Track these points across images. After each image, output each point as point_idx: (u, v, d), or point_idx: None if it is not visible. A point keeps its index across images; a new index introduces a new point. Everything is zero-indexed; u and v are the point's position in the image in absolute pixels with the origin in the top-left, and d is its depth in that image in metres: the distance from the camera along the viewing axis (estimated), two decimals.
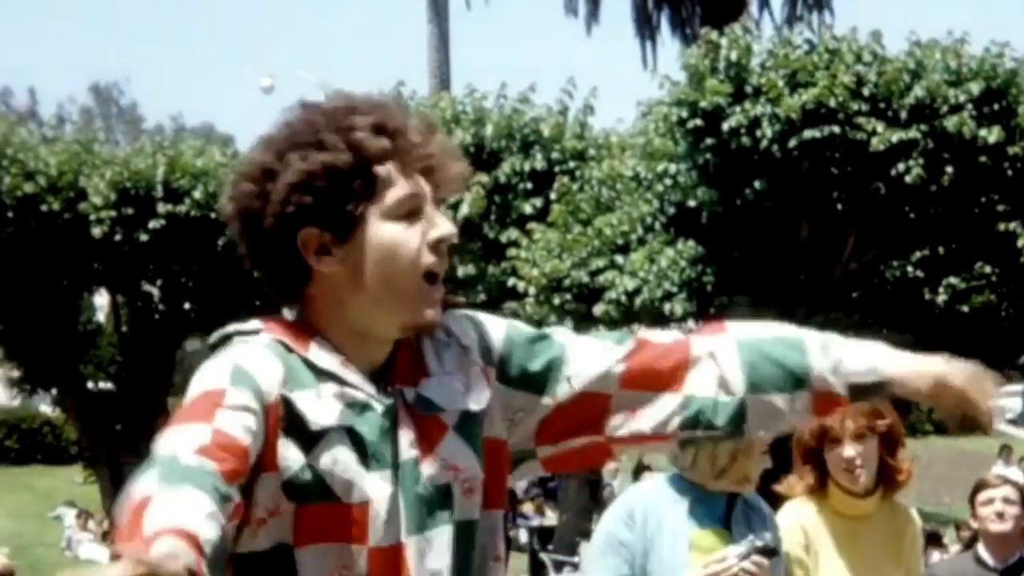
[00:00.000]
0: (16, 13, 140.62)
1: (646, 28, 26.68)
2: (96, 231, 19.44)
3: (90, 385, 22.41)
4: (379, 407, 2.45)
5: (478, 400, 2.54)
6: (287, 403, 2.37)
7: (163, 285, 21.35)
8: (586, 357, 2.58)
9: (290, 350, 2.47)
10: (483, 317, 2.64)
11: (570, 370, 2.58)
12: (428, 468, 2.46)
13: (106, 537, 24.54)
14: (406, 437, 2.46)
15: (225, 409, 2.30)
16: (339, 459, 2.39)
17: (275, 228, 2.45)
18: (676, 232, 14.73)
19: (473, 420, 2.53)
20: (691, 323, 15.19)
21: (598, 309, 14.90)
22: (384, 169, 2.45)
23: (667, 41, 27.16)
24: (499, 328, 2.63)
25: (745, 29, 14.78)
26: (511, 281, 15.74)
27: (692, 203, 14.45)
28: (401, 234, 2.45)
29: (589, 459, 2.69)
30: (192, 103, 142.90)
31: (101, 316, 28.17)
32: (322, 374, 2.44)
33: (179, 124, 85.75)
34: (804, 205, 14.17)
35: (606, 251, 15.19)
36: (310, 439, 2.38)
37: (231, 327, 2.55)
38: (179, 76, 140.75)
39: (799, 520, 5.08)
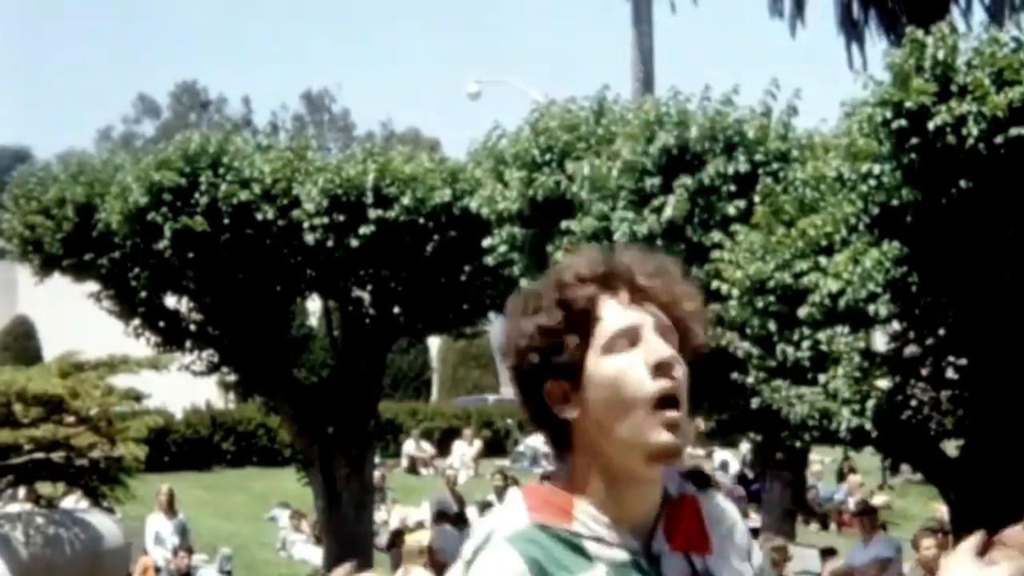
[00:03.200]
0: (229, 24, 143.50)
1: (851, 28, 26.44)
2: (309, 238, 19.82)
3: (303, 386, 22.84)
4: (645, 565, 2.53)
5: None
6: None
7: (373, 290, 21.68)
8: None
9: (552, 531, 2.53)
10: (747, 529, 2.74)
11: None
12: None
13: (319, 538, 25.01)
14: None
15: None
16: None
17: (523, 386, 2.59)
18: (880, 233, 14.61)
19: None
20: (895, 324, 15.08)
21: (802, 311, 14.85)
22: (597, 310, 2.55)
23: (872, 41, 26.81)
24: (758, 550, 2.73)
25: (951, 27, 14.61)
26: (714, 284, 15.75)
27: (896, 203, 14.33)
28: (621, 365, 2.52)
29: None
30: (400, 109, 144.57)
31: (313, 321, 28.70)
32: (584, 546, 2.52)
33: (388, 131, 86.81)
34: (1011, 204, 13.97)
35: (809, 253, 15.12)
36: None
37: (492, 525, 2.61)
38: (388, 82, 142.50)
39: None
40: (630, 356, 2.51)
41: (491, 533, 2.56)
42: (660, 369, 2.51)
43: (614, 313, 2.53)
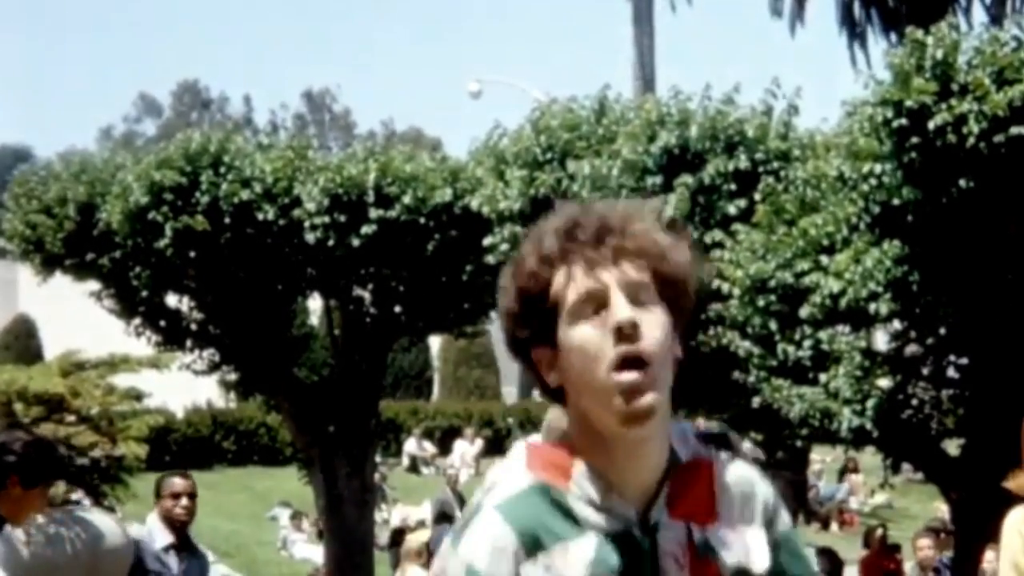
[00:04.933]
0: (230, 23, 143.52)
1: (851, 27, 26.44)
2: (310, 237, 19.82)
3: (304, 385, 22.83)
4: (639, 535, 2.49)
5: (761, 562, 2.57)
6: None
7: (374, 289, 21.67)
8: None
9: (548, 494, 2.51)
10: (775, 494, 2.67)
11: None
12: None
13: (320, 537, 25.01)
14: (675, 572, 2.50)
15: None
16: None
17: (518, 355, 2.58)
18: (881, 232, 14.62)
19: None
20: (896, 323, 15.09)
21: (803, 311, 14.87)
22: (558, 277, 2.51)
23: (873, 40, 26.81)
24: (786, 514, 2.66)
25: (952, 27, 14.62)
26: (715, 283, 15.76)
27: (897, 203, 14.34)
28: (585, 333, 2.49)
29: None
30: (401, 108, 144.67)
31: (314, 320, 28.69)
32: (576, 512, 2.50)
33: (389, 130, 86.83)
34: (1011, 202, 13.98)
35: (811, 252, 15.14)
36: None
37: (497, 472, 2.60)
38: (388, 82, 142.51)
39: (1017, 525, 5.03)
40: (593, 322, 2.48)
41: (481, 502, 2.55)
42: (620, 332, 2.46)
43: (578, 278, 2.49)
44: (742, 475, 2.59)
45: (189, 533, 9.92)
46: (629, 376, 2.45)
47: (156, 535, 9.73)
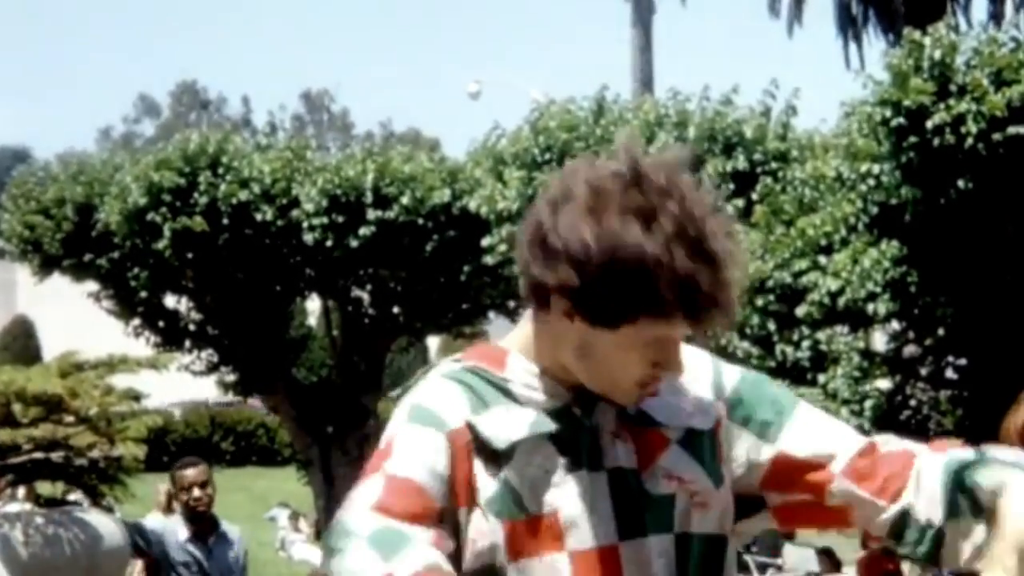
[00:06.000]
0: (229, 24, 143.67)
1: (849, 28, 26.47)
2: (308, 238, 19.84)
3: (303, 386, 22.85)
4: (578, 412, 2.46)
5: (705, 420, 2.53)
6: (472, 429, 2.40)
7: (372, 290, 21.70)
8: (818, 424, 2.56)
9: (484, 374, 2.49)
10: (719, 360, 2.63)
11: (797, 425, 2.54)
12: (646, 476, 2.46)
13: (318, 537, 25.03)
14: (619, 447, 2.46)
15: (400, 451, 2.39)
16: (527, 471, 2.41)
17: (547, 281, 2.40)
18: (880, 232, 14.64)
19: (701, 439, 2.52)
20: (895, 324, 15.10)
21: (801, 310, 14.87)
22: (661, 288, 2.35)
23: (870, 41, 26.84)
24: (734, 370, 2.62)
25: (949, 27, 14.64)
26: None
27: (895, 202, 14.36)
28: (632, 354, 2.39)
29: (826, 518, 2.60)
30: (400, 109, 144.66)
31: (312, 321, 28.73)
32: (513, 391, 2.47)
33: (388, 130, 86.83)
34: (1009, 202, 13.99)
35: (809, 252, 15.15)
36: (500, 457, 2.41)
37: (425, 372, 2.57)
38: (387, 82, 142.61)
39: None
40: (638, 344, 2.38)
41: (418, 382, 2.53)
42: (656, 368, 2.42)
43: (655, 326, 2.36)
44: (691, 361, 2.53)
45: (214, 518, 9.93)
46: (645, 389, 2.45)
47: (178, 527, 9.76)
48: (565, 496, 2.42)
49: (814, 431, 2.54)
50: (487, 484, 2.40)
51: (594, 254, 2.35)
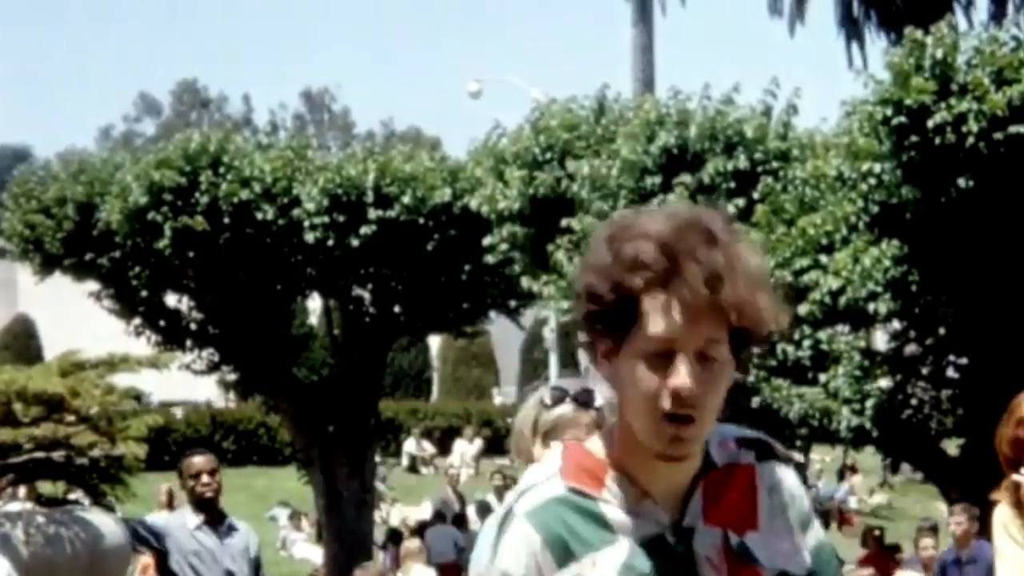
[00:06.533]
0: (229, 23, 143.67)
1: (851, 27, 26.44)
2: (309, 237, 19.82)
3: (304, 385, 22.84)
4: (672, 541, 2.50)
5: (799, 566, 2.56)
6: None
7: (374, 289, 21.68)
8: None
9: (578, 503, 2.51)
10: (810, 502, 2.67)
11: None
12: None
13: (319, 537, 25.01)
14: (713, 573, 2.50)
15: None
16: None
17: (581, 322, 2.52)
18: (880, 231, 14.64)
19: None
20: (896, 323, 15.09)
21: (802, 309, 14.86)
22: (643, 303, 2.43)
23: (872, 40, 26.80)
24: (818, 522, 2.67)
25: (951, 27, 14.64)
26: None
27: (896, 201, 14.36)
28: (644, 374, 2.44)
29: None
30: (401, 108, 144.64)
31: (313, 320, 28.70)
32: (609, 519, 2.50)
33: (389, 129, 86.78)
34: (1010, 201, 13.99)
35: (810, 251, 15.15)
36: None
37: (532, 474, 2.61)
38: (388, 81, 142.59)
39: (1000, 519, 5.17)
40: (655, 365, 2.43)
41: (512, 508, 2.55)
42: (676, 395, 2.43)
43: (655, 318, 2.42)
44: (782, 480, 2.59)
45: (221, 508, 9.93)
46: (675, 429, 2.44)
47: (187, 517, 9.77)
48: None
49: None
50: None
51: (598, 268, 2.46)
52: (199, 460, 10.00)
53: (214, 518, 9.79)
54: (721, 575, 2.49)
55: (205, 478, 9.81)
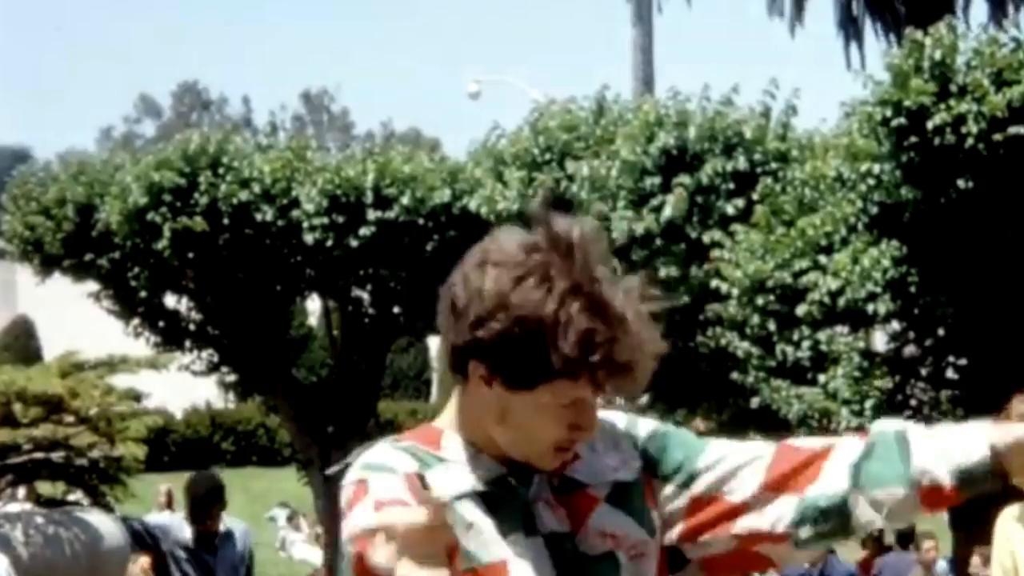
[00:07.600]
0: (229, 24, 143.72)
1: (850, 28, 26.44)
2: (308, 238, 19.84)
3: (303, 386, 22.85)
4: (514, 483, 2.51)
5: (629, 472, 2.58)
6: (422, 479, 2.40)
7: (373, 290, 21.69)
8: (724, 454, 2.59)
9: (421, 453, 2.52)
10: (631, 415, 2.69)
11: (703, 463, 2.59)
12: (581, 539, 2.51)
13: (318, 538, 25.02)
14: (551, 513, 2.51)
15: (374, 488, 2.42)
16: (473, 522, 2.46)
17: (460, 343, 2.49)
18: (880, 232, 14.64)
19: (630, 491, 2.57)
20: (895, 324, 15.10)
21: (801, 310, 14.88)
22: (557, 352, 2.41)
23: (871, 40, 26.79)
24: (648, 422, 2.67)
25: (950, 28, 14.65)
26: (714, 283, 15.78)
27: (896, 202, 14.37)
28: (549, 417, 2.46)
29: (745, 565, 2.65)
30: (400, 109, 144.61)
31: (313, 321, 28.73)
32: (454, 460, 2.52)
33: (388, 130, 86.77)
34: (1010, 202, 14.00)
35: (809, 252, 15.16)
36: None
37: (361, 452, 2.59)
38: (387, 82, 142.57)
39: (1002, 524, 5.22)
40: (555, 408, 2.45)
41: (355, 476, 2.51)
42: (573, 430, 2.48)
43: (567, 389, 2.44)
44: (608, 416, 2.61)
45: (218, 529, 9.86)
46: (565, 452, 2.50)
47: (185, 528, 9.71)
48: (509, 551, 2.46)
49: (721, 463, 2.57)
50: None
51: (493, 310, 2.43)
52: (206, 493, 9.71)
53: (208, 537, 9.71)
54: (556, 509, 2.51)
55: (208, 510, 9.62)
